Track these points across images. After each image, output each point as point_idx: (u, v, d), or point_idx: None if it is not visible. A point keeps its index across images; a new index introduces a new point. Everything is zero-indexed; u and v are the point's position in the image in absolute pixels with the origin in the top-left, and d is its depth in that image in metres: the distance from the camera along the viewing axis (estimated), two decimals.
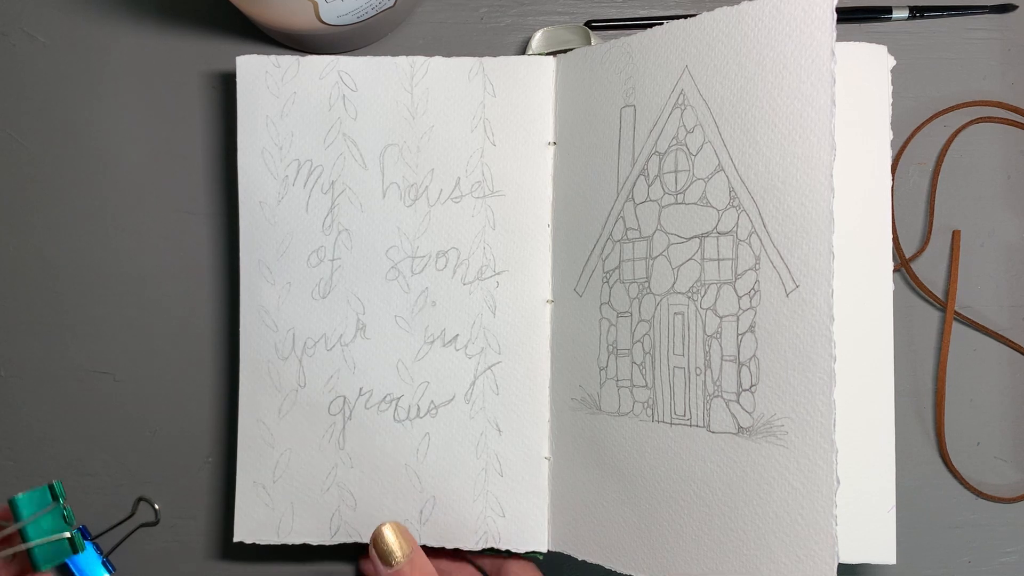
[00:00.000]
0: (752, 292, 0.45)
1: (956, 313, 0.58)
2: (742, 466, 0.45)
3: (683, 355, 0.48)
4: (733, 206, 0.46)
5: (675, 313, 0.48)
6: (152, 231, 0.58)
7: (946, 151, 0.59)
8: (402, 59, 0.54)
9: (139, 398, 0.57)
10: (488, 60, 0.54)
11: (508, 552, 0.53)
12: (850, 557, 0.48)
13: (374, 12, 0.53)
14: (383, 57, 0.54)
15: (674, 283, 0.48)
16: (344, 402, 0.54)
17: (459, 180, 0.54)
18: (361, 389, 0.54)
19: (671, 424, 0.48)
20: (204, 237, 0.58)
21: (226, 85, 0.58)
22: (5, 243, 0.57)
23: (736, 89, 0.46)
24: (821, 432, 0.43)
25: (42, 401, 0.57)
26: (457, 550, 0.54)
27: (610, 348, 0.50)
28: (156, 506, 0.57)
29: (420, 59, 0.54)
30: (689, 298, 0.48)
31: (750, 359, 0.45)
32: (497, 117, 0.54)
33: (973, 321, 0.58)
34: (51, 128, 0.58)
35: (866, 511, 0.49)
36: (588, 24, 0.59)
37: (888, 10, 0.59)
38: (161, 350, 0.57)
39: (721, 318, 0.46)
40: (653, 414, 0.49)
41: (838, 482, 0.42)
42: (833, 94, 0.43)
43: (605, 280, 0.51)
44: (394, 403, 0.54)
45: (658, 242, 0.49)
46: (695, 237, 0.47)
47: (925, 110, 0.59)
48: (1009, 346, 0.59)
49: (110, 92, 0.58)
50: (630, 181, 0.50)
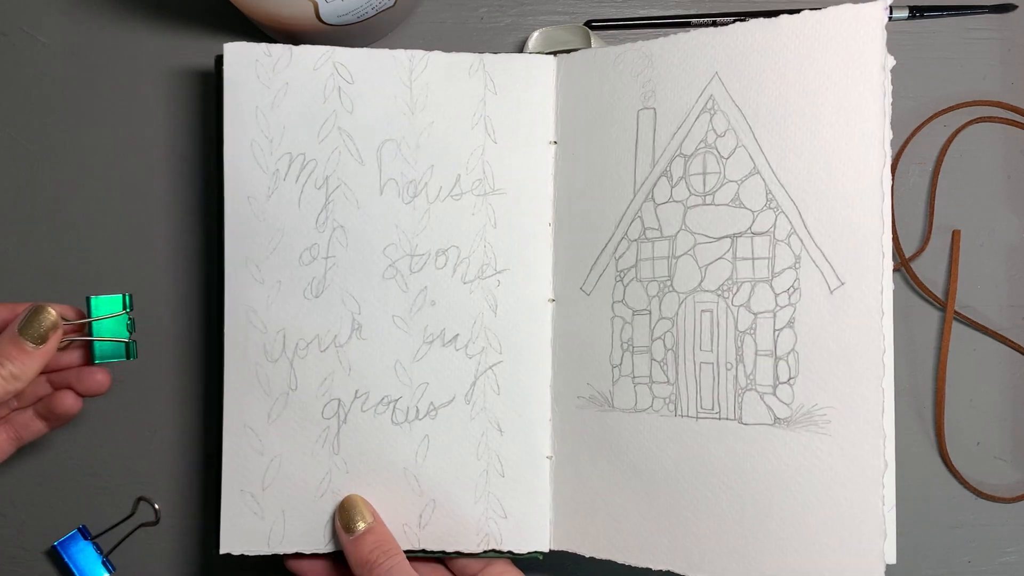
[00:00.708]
0: (791, 289, 0.47)
1: (956, 313, 0.58)
2: (778, 455, 0.46)
3: (711, 351, 0.48)
4: (770, 208, 0.47)
5: (702, 310, 0.49)
6: (153, 231, 0.57)
7: (946, 151, 0.59)
8: (400, 52, 0.52)
9: (139, 398, 0.56)
10: (489, 56, 0.53)
11: (510, 553, 0.52)
12: None
13: (374, 12, 0.53)
14: (381, 49, 0.52)
15: (701, 281, 0.49)
16: (339, 405, 0.52)
17: (459, 177, 0.52)
18: (357, 391, 0.52)
19: (696, 418, 0.48)
20: (205, 235, 0.57)
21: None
22: (5, 243, 0.57)
23: (774, 97, 0.47)
24: (868, 419, 0.45)
25: None
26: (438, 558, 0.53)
27: (625, 346, 0.50)
28: (156, 506, 0.56)
29: (419, 53, 0.52)
30: (719, 296, 0.48)
31: (788, 353, 0.47)
32: (498, 114, 0.53)
33: (973, 321, 0.58)
34: (51, 128, 0.58)
35: None
36: (588, 24, 0.59)
37: (888, 10, 0.59)
38: (161, 349, 0.57)
39: (755, 314, 0.48)
40: (676, 409, 0.49)
41: (886, 465, 0.44)
42: (885, 105, 0.45)
43: (619, 278, 0.51)
44: (392, 405, 0.52)
45: (682, 241, 0.49)
46: (726, 237, 0.48)
47: (925, 110, 0.59)
48: (1009, 346, 0.58)
49: (110, 91, 0.57)
50: (650, 182, 0.50)
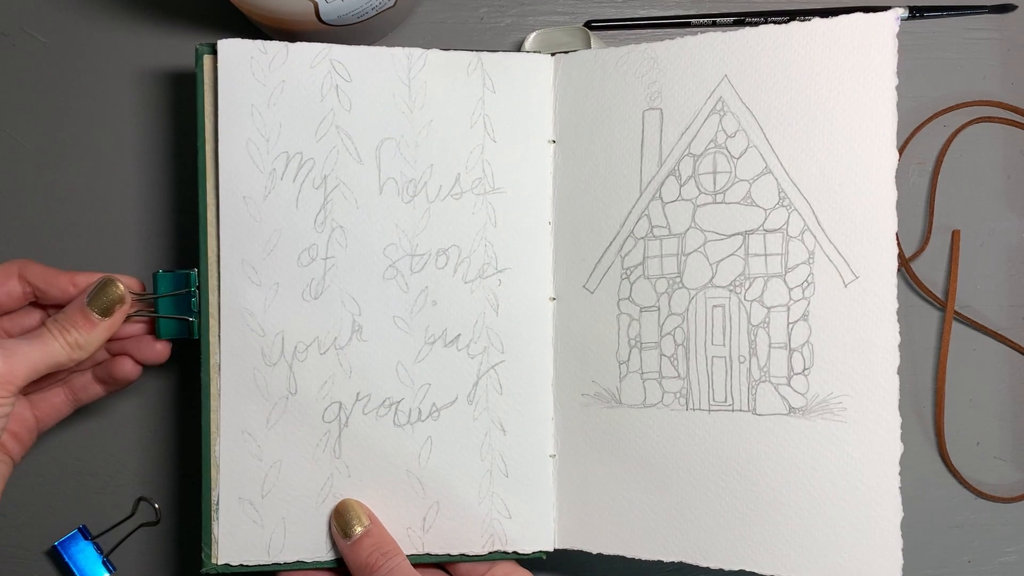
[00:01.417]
0: (805, 284, 0.48)
1: (956, 313, 0.58)
2: (794, 443, 0.48)
3: (724, 345, 0.49)
4: (783, 205, 0.49)
5: (714, 306, 0.50)
6: (153, 231, 0.57)
7: (946, 151, 0.59)
8: (398, 50, 0.52)
9: (139, 398, 0.56)
10: (487, 55, 0.52)
11: (515, 554, 0.51)
12: None
13: (374, 12, 0.53)
14: (379, 47, 0.52)
15: (712, 277, 0.50)
16: (340, 408, 0.51)
17: (459, 176, 0.52)
18: (358, 394, 0.51)
19: (709, 411, 0.49)
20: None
21: None
22: (5, 243, 0.57)
23: (785, 99, 0.49)
24: (883, 405, 0.47)
25: None
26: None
27: (632, 342, 0.51)
28: (156, 506, 0.56)
29: (417, 51, 0.52)
30: (731, 291, 0.49)
31: (803, 345, 0.48)
32: (497, 113, 0.52)
33: (973, 321, 0.58)
34: (51, 128, 0.58)
35: None
36: (588, 24, 0.59)
37: (888, 10, 0.59)
38: None
39: (769, 308, 0.49)
40: (687, 403, 0.50)
41: (902, 447, 0.46)
42: (894, 109, 0.47)
43: (625, 276, 0.51)
44: (394, 407, 0.51)
45: (692, 239, 0.50)
46: (737, 234, 0.49)
47: (925, 110, 0.59)
48: (1009, 346, 0.58)
49: (111, 92, 0.57)
50: (657, 181, 0.51)
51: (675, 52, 0.51)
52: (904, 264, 0.57)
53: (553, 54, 0.53)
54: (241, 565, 0.50)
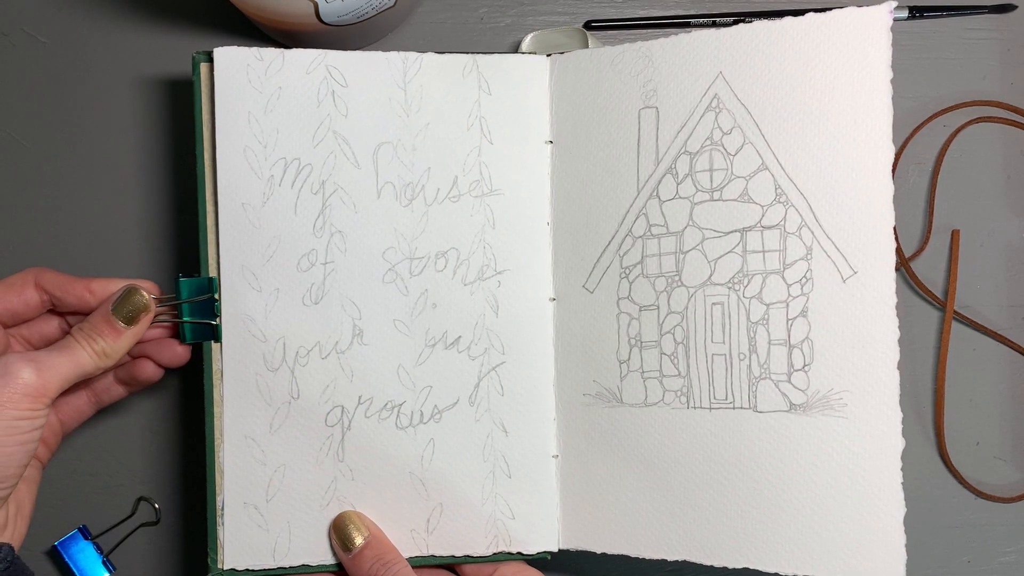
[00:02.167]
0: (804, 280, 0.48)
1: (956, 313, 0.58)
2: (795, 440, 0.48)
3: (723, 342, 0.49)
4: (780, 202, 0.49)
5: (713, 303, 0.50)
6: (154, 231, 0.57)
7: (946, 151, 0.59)
8: (394, 54, 0.51)
9: (138, 398, 0.56)
10: (482, 57, 0.52)
11: (519, 554, 0.51)
12: None
13: (374, 12, 0.53)
14: (373, 52, 0.52)
15: (711, 275, 0.50)
16: (342, 412, 0.51)
17: (456, 179, 0.52)
18: (360, 397, 0.51)
19: (710, 409, 0.49)
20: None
21: None
22: (5, 243, 0.57)
23: (780, 95, 0.48)
24: (884, 400, 0.46)
25: None
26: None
27: (632, 341, 0.51)
28: (156, 506, 0.56)
29: (412, 55, 0.52)
30: (730, 288, 0.49)
31: (802, 341, 0.48)
32: (493, 115, 0.52)
33: (973, 321, 0.58)
34: (51, 128, 0.57)
35: None
36: (588, 24, 0.59)
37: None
38: None
39: (768, 305, 0.49)
40: (688, 401, 0.50)
41: (903, 442, 0.46)
42: (890, 103, 0.46)
43: (624, 275, 0.51)
44: (396, 410, 0.51)
45: (690, 237, 0.50)
46: (735, 231, 0.49)
47: (925, 110, 0.59)
48: (1009, 346, 0.58)
49: (110, 92, 0.57)
50: (654, 179, 0.51)
51: (669, 50, 0.51)
52: (904, 264, 0.57)
53: (549, 55, 0.53)
54: (247, 570, 0.50)
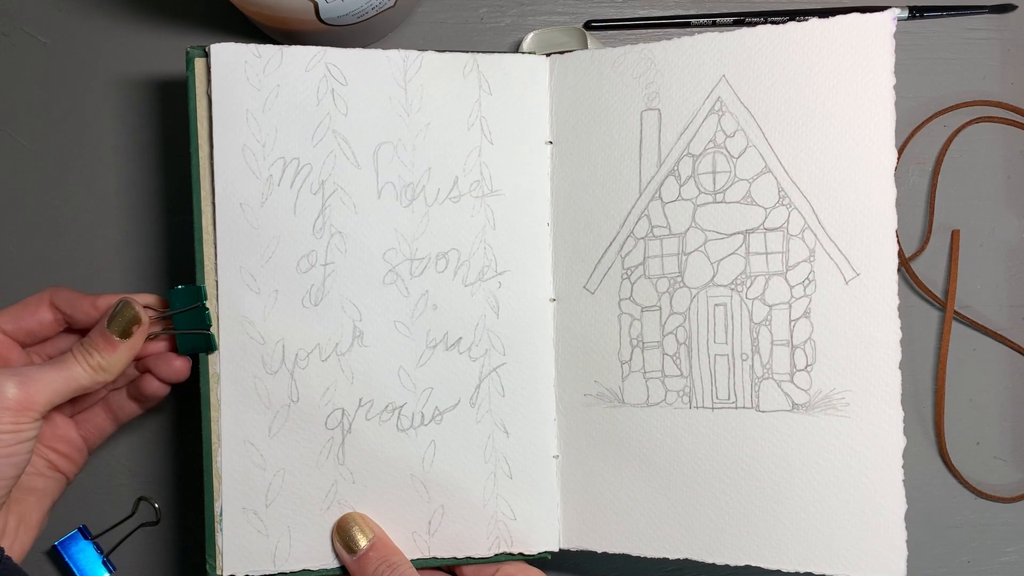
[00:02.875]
0: (806, 282, 0.48)
1: (956, 313, 0.58)
2: (798, 439, 0.48)
3: (726, 343, 0.50)
4: (783, 204, 0.49)
5: (716, 304, 0.50)
6: (155, 232, 0.57)
7: (946, 151, 0.59)
8: (394, 53, 0.51)
9: None
10: (482, 56, 0.52)
11: (521, 555, 0.51)
12: None
13: (374, 12, 0.53)
14: (374, 50, 0.51)
15: (714, 276, 0.50)
16: (343, 414, 0.50)
17: (457, 179, 0.51)
18: (361, 400, 0.51)
19: (713, 409, 0.50)
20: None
21: None
22: (5, 243, 0.57)
23: (783, 98, 0.49)
24: (886, 400, 0.47)
25: None
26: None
27: (634, 342, 0.51)
28: (156, 506, 0.56)
29: (413, 53, 0.51)
30: (732, 290, 0.50)
31: (805, 342, 0.48)
32: (494, 115, 0.52)
33: (973, 321, 0.58)
34: (51, 128, 0.57)
35: None
36: (588, 24, 0.58)
37: (886, 10, 0.59)
38: None
39: (770, 306, 0.49)
40: (690, 401, 0.50)
41: (904, 440, 0.47)
42: (892, 108, 0.47)
43: (625, 276, 0.51)
44: (396, 412, 0.51)
45: (693, 238, 0.50)
46: (738, 233, 0.50)
47: (925, 110, 0.59)
48: (1009, 346, 0.58)
49: (111, 91, 0.57)
50: (656, 181, 0.51)
51: (672, 52, 0.51)
52: (904, 264, 0.57)
53: (549, 55, 0.53)
54: None
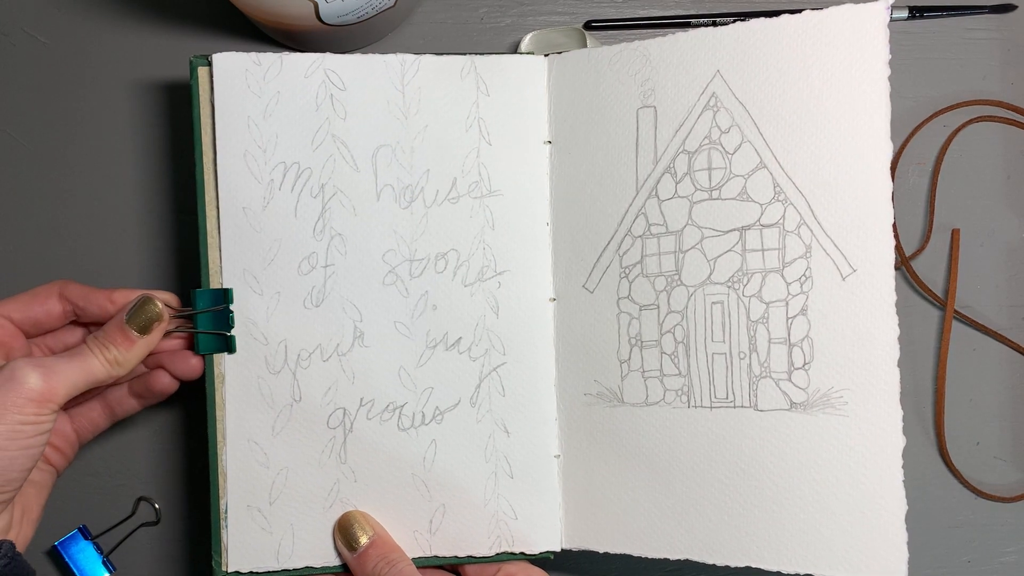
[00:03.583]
0: (803, 278, 0.48)
1: (956, 312, 0.58)
2: (796, 438, 0.48)
3: (723, 341, 0.49)
4: (779, 200, 0.48)
5: (713, 302, 0.49)
6: (154, 232, 0.57)
7: (946, 151, 0.59)
8: (391, 57, 0.52)
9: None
10: (480, 58, 0.52)
11: (522, 555, 0.51)
12: None
13: (374, 12, 0.53)
14: (371, 55, 0.52)
15: (711, 274, 0.50)
16: (344, 414, 0.51)
17: (455, 180, 0.52)
18: (362, 399, 0.51)
19: (711, 408, 0.49)
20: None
21: None
22: (5, 243, 0.57)
23: (777, 93, 0.48)
24: (885, 398, 0.46)
25: None
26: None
27: (633, 341, 0.51)
28: (156, 506, 0.56)
29: (410, 57, 0.52)
30: (729, 287, 0.49)
31: (802, 340, 0.48)
32: (492, 116, 0.52)
33: (973, 320, 0.58)
34: (51, 128, 0.57)
35: None
36: (587, 24, 0.58)
37: (889, 10, 0.59)
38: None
39: (767, 304, 0.49)
40: (689, 400, 0.50)
41: (903, 440, 0.46)
42: (887, 99, 0.46)
43: (624, 275, 0.51)
44: (397, 411, 0.51)
45: (689, 236, 0.50)
46: (734, 230, 0.49)
47: (925, 110, 0.59)
48: (1009, 346, 0.58)
49: (110, 92, 0.57)
50: (652, 178, 0.51)
51: (667, 49, 0.50)
52: (904, 263, 0.57)
53: (548, 55, 0.53)
54: (251, 572, 0.51)
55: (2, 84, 0.57)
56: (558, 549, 0.52)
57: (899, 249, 0.57)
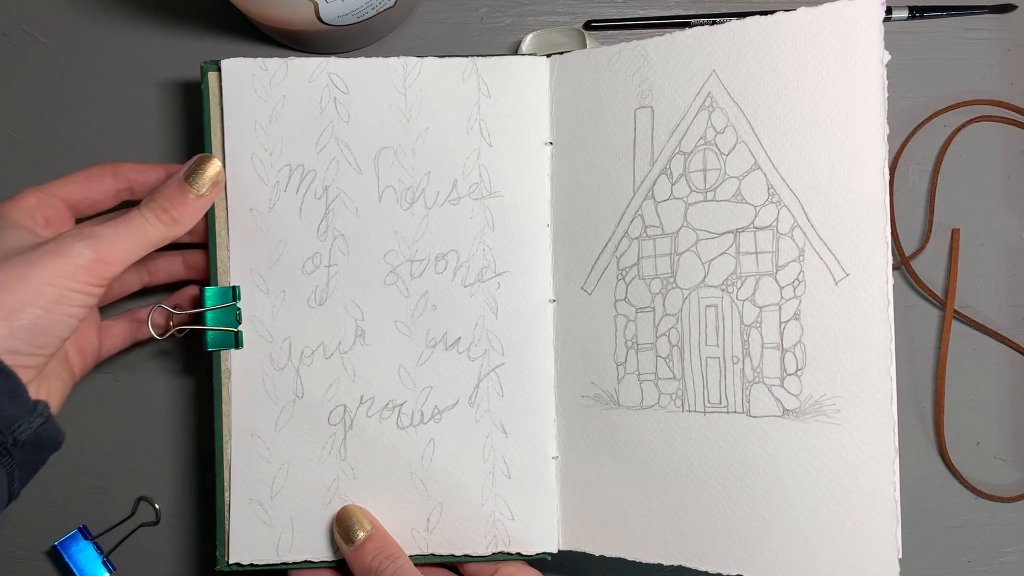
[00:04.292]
0: (796, 282, 0.47)
1: (956, 312, 0.58)
2: (788, 446, 0.47)
3: (717, 345, 0.49)
4: (772, 202, 0.48)
5: (707, 306, 0.49)
6: None
7: (945, 150, 0.59)
8: (394, 60, 0.52)
9: (139, 398, 0.56)
10: (481, 60, 0.52)
11: (519, 555, 0.52)
12: None
13: (374, 12, 0.53)
14: (374, 58, 0.52)
15: (705, 277, 0.49)
16: (345, 411, 0.52)
17: (456, 182, 0.52)
18: (362, 397, 0.52)
19: (705, 413, 0.49)
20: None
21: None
22: None
23: (772, 92, 0.48)
24: (878, 407, 0.45)
25: None
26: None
27: (629, 343, 0.51)
28: (156, 506, 0.56)
29: (412, 60, 0.52)
30: (723, 291, 0.49)
31: (795, 345, 0.47)
32: (493, 117, 0.52)
33: (973, 320, 0.58)
34: (51, 128, 0.57)
35: None
36: (588, 24, 0.58)
37: (888, 10, 0.59)
38: (161, 348, 0.57)
39: (761, 308, 0.48)
40: (683, 404, 0.49)
41: (896, 452, 0.45)
42: (883, 99, 0.46)
43: (620, 277, 0.51)
44: (397, 410, 0.52)
45: (684, 238, 0.50)
46: (728, 232, 0.49)
47: (925, 110, 0.58)
48: (1009, 346, 0.58)
49: (110, 92, 0.57)
50: (649, 180, 0.50)
51: (664, 49, 0.50)
52: (904, 263, 0.57)
53: (549, 55, 0.53)
54: (251, 564, 0.52)
55: (2, 84, 0.57)
56: (555, 551, 0.52)
57: (899, 249, 0.57)
